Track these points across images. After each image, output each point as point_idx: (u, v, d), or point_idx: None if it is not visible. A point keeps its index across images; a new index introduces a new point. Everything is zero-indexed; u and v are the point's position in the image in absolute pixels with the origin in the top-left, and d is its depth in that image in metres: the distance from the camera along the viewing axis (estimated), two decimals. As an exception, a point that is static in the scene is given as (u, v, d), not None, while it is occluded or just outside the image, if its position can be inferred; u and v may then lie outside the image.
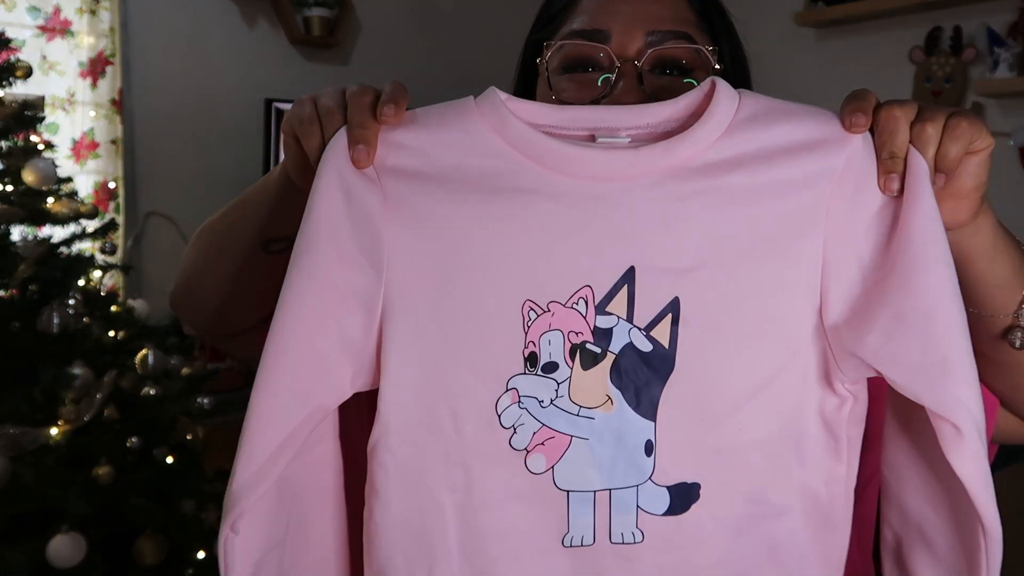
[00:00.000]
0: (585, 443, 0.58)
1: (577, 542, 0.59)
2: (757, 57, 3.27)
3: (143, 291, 2.44)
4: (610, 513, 0.59)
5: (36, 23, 2.16)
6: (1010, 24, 2.35)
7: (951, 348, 0.55)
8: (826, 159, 0.57)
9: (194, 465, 1.69)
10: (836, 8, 2.68)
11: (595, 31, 0.70)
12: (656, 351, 0.57)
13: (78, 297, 1.54)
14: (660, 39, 0.70)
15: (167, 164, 2.52)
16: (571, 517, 0.59)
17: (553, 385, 0.58)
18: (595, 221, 0.57)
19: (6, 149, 1.54)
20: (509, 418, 0.58)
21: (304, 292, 0.57)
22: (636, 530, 0.59)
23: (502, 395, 0.58)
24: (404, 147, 0.59)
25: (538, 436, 0.58)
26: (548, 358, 0.58)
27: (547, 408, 0.58)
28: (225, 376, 2.29)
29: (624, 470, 0.58)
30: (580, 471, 0.58)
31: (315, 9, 2.66)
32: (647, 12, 0.70)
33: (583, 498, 0.59)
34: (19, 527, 1.45)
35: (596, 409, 0.58)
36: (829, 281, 0.57)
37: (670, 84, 0.70)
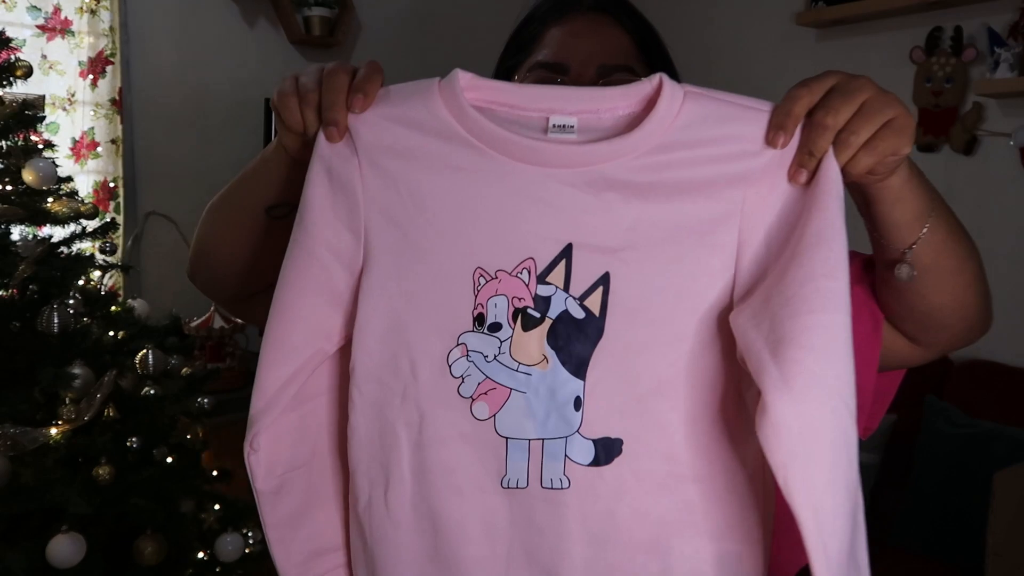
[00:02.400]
0: (523, 396, 0.66)
1: (513, 484, 0.67)
2: (757, 57, 3.30)
3: (143, 291, 2.44)
4: (542, 460, 0.66)
5: (36, 22, 2.16)
6: (1010, 24, 2.35)
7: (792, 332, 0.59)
8: (750, 161, 0.63)
9: (194, 465, 1.68)
10: (836, 8, 2.68)
11: (557, 64, 0.84)
12: (588, 319, 0.65)
13: (78, 297, 1.53)
14: (608, 72, 0.83)
15: (167, 164, 2.52)
16: (508, 461, 0.66)
17: (497, 343, 0.66)
18: (540, 202, 0.65)
19: (6, 149, 1.54)
20: (458, 369, 0.67)
21: (299, 259, 0.67)
22: (563, 477, 0.66)
23: (453, 348, 0.66)
24: (376, 124, 0.67)
25: (482, 387, 0.66)
26: (494, 319, 0.66)
27: (491, 363, 0.66)
28: (225, 376, 2.29)
29: (555, 422, 0.66)
30: (517, 420, 0.66)
31: (315, 9, 2.66)
32: (598, 49, 0.84)
33: (519, 445, 0.66)
34: (19, 527, 1.45)
35: (533, 366, 0.66)
36: (741, 269, 0.64)
37: None
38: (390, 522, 0.69)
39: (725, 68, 3.15)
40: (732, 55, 3.12)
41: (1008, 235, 2.47)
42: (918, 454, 2.32)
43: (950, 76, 2.50)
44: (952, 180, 2.57)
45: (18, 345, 1.50)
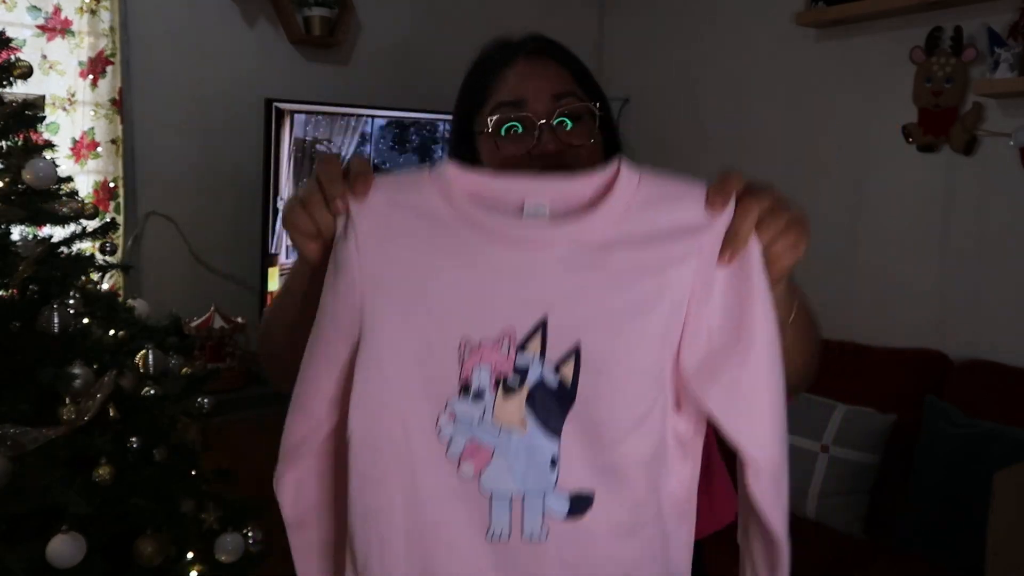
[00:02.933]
0: (504, 456, 0.73)
1: (497, 537, 0.74)
2: (757, 57, 3.29)
3: (143, 291, 2.44)
4: (523, 514, 0.73)
5: (36, 22, 2.16)
6: (1010, 24, 2.35)
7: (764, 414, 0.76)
8: (695, 239, 0.73)
9: (194, 465, 1.68)
10: (836, 8, 2.68)
11: (515, 101, 0.96)
12: (560, 387, 0.73)
13: (78, 297, 1.53)
14: (559, 98, 0.96)
15: (167, 164, 2.52)
16: (492, 515, 0.74)
17: (481, 408, 0.73)
18: (518, 279, 0.73)
19: (6, 149, 1.54)
20: (446, 432, 0.73)
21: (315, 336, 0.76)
22: (542, 529, 0.73)
23: (441, 413, 0.73)
24: (372, 209, 0.74)
25: (468, 448, 0.73)
26: (477, 387, 0.73)
27: (476, 426, 0.73)
28: (225, 376, 2.29)
29: (534, 479, 0.73)
30: (500, 478, 0.73)
31: (315, 9, 2.66)
32: (545, 83, 0.97)
33: (502, 501, 0.73)
34: (19, 527, 1.45)
35: (513, 429, 0.73)
36: (687, 337, 0.73)
37: (570, 133, 0.96)
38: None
39: (725, 68, 3.15)
40: (732, 55, 3.13)
41: (1008, 235, 2.47)
42: (918, 454, 2.32)
43: (950, 76, 2.50)
44: (952, 180, 2.58)
45: (18, 345, 1.50)
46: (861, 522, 2.39)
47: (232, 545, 1.64)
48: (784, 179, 3.30)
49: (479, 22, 3.19)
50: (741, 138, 3.12)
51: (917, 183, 2.65)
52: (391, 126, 2.68)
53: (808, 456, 2.46)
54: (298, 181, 2.49)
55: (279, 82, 2.68)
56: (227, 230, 2.64)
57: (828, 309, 3.07)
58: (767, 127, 3.04)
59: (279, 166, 2.44)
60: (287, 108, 2.42)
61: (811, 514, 2.43)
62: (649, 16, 3.41)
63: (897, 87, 2.64)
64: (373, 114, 2.62)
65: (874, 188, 2.76)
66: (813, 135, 2.91)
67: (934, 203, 2.62)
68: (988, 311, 2.51)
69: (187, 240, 2.57)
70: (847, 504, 2.39)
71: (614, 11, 3.56)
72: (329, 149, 2.54)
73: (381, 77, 2.91)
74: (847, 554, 2.28)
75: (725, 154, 3.17)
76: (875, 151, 2.75)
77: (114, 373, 1.52)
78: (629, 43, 3.51)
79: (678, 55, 3.32)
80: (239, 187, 2.64)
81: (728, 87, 3.15)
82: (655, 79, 3.41)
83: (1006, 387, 2.33)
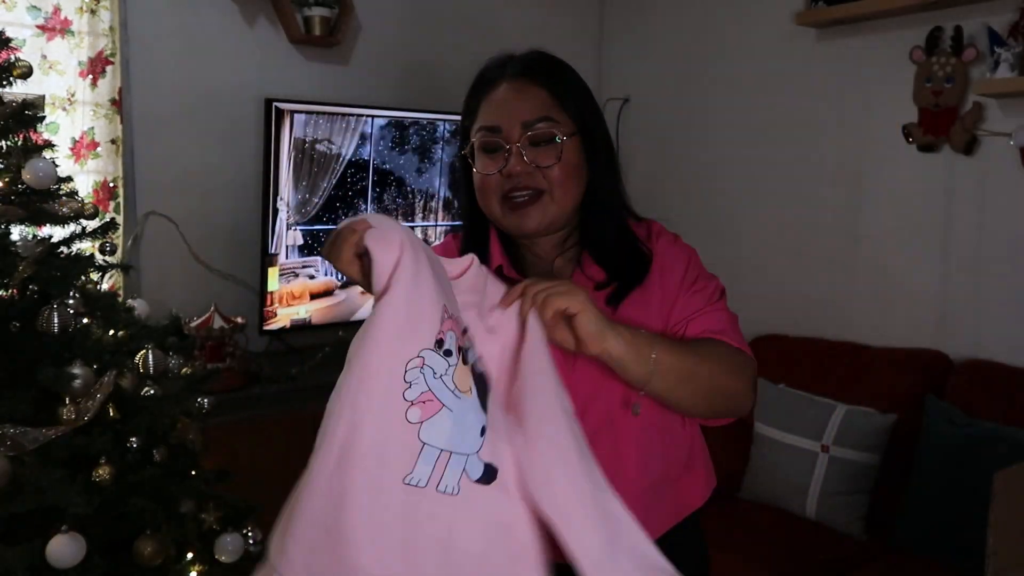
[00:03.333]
0: (449, 413, 0.84)
1: (414, 483, 0.83)
2: (757, 57, 3.29)
3: (143, 291, 2.44)
4: (445, 469, 0.83)
5: (36, 22, 2.16)
6: (1010, 24, 2.35)
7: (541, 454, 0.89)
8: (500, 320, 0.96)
9: (194, 465, 1.68)
10: (836, 8, 2.68)
11: (492, 127, 1.13)
12: (484, 374, 0.91)
13: (78, 297, 1.53)
14: (529, 125, 1.11)
15: (167, 164, 2.51)
16: (417, 463, 0.83)
17: (446, 366, 0.86)
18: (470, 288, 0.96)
19: (6, 149, 1.54)
20: (410, 376, 0.84)
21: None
22: (456, 486, 0.84)
23: (413, 359, 0.84)
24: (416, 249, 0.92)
25: (422, 396, 0.83)
26: (447, 346, 0.86)
27: (437, 379, 0.85)
28: (225, 376, 2.29)
29: (465, 441, 0.85)
30: (438, 433, 0.83)
31: (315, 9, 2.66)
32: (520, 109, 1.12)
33: (431, 452, 0.83)
34: (19, 527, 1.45)
35: (463, 393, 0.86)
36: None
37: (537, 154, 1.12)
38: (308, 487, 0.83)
39: (725, 68, 3.15)
40: (732, 55, 3.13)
41: (1008, 235, 2.47)
42: (918, 454, 2.32)
43: (950, 76, 2.50)
44: (952, 180, 2.58)
45: (18, 345, 1.50)
46: (861, 522, 2.39)
47: (232, 545, 1.64)
48: (784, 179, 3.31)
49: (479, 22, 3.19)
50: (741, 138, 3.12)
51: (917, 183, 2.65)
52: (391, 126, 2.68)
53: (808, 456, 2.46)
54: (298, 181, 2.50)
55: (279, 82, 2.68)
56: (227, 230, 2.64)
57: (828, 309, 3.09)
58: (767, 127, 3.04)
59: (279, 166, 2.44)
60: (287, 108, 2.42)
61: (811, 514, 2.43)
62: (649, 16, 3.41)
63: (897, 87, 2.64)
64: (373, 114, 2.62)
65: (874, 188, 2.76)
66: (813, 135, 2.91)
67: (934, 203, 2.62)
68: (988, 311, 2.51)
69: (187, 240, 2.57)
70: (847, 504, 2.39)
71: (614, 11, 3.56)
72: (329, 149, 2.54)
73: (381, 77, 2.91)
74: (847, 554, 2.28)
75: (725, 154, 3.17)
76: (875, 151, 2.75)
77: (114, 373, 1.52)
78: (629, 43, 3.51)
79: (678, 55, 3.32)
80: (239, 187, 2.64)
81: (728, 87, 3.15)
82: (655, 79, 3.41)
83: (1006, 387, 2.33)
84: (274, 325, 2.54)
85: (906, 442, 2.39)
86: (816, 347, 2.79)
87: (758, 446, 2.61)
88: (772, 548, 2.27)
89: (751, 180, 3.10)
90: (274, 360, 2.65)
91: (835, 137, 2.85)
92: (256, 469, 2.26)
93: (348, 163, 2.60)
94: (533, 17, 3.37)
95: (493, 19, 3.24)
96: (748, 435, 2.64)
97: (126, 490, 1.52)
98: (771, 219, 3.05)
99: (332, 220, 2.60)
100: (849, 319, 2.84)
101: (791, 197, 2.99)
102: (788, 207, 3.00)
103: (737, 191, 3.13)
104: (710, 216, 3.20)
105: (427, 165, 2.80)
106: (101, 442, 1.47)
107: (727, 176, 3.16)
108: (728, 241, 3.16)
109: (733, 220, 3.15)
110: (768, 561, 2.21)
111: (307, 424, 2.64)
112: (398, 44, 2.96)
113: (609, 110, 3.58)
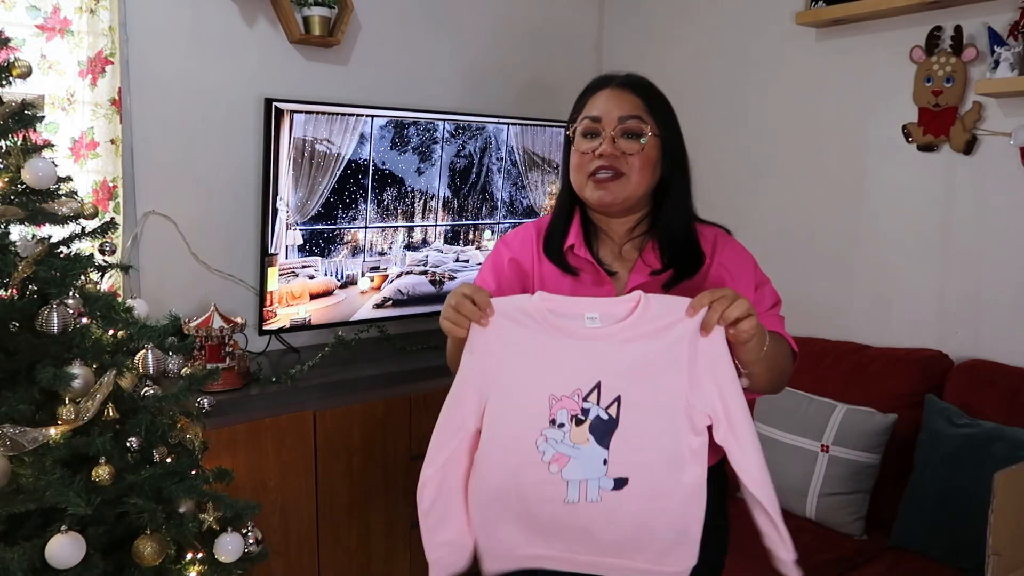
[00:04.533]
0: (576, 459, 1.22)
1: (571, 501, 1.22)
2: (757, 57, 3.28)
3: (142, 291, 2.44)
4: (587, 489, 1.22)
5: (35, 22, 2.16)
6: (1011, 24, 2.35)
7: (740, 422, 1.25)
8: (685, 326, 1.22)
9: (194, 465, 1.68)
10: (836, 8, 2.68)
11: (594, 117, 1.41)
12: (609, 419, 1.22)
13: (77, 297, 1.53)
14: (624, 119, 1.40)
15: (166, 164, 2.51)
16: (568, 491, 1.22)
17: (562, 434, 1.22)
18: (582, 358, 1.23)
19: (6, 148, 1.54)
20: (541, 448, 1.22)
21: (455, 390, 1.27)
22: (598, 496, 1.22)
23: (538, 437, 1.22)
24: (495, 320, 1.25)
25: (555, 456, 1.22)
26: (560, 421, 1.22)
27: (559, 443, 1.22)
28: (225, 376, 2.29)
29: (593, 471, 1.22)
30: (573, 471, 1.22)
31: (315, 8, 2.66)
32: (617, 106, 1.41)
33: (575, 483, 1.22)
34: (19, 527, 1.45)
35: (581, 445, 1.22)
36: (687, 383, 1.23)
37: (625, 142, 1.41)
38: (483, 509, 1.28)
39: (725, 68, 3.15)
40: (732, 55, 3.13)
41: (1008, 235, 2.47)
42: (918, 454, 2.32)
43: (950, 76, 2.50)
44: (952, 180, 2.58)
45: (18, 345, 1.50)
46: (861, 522, 2.39)
47: (232, 545, 1.64)
48: (784, 178, 3.31)
49: (479, 23, 3.19)
50: (741, 138, 3.12)
51: (917, 183, 2.65)
52: (390, 126, 2.68)
53: (808, 456, 2.46)
54: (298, 181, 2.49)
55: (279, 82, 2.68)
56: (227, 230, 2.64)
57: (828, 309, 3.09)
58: (767, 127, 3.04)
59: (279, 166, 2.44)
60: (287, 108, 2.42)
61: (811, 514, 2.43)
62: (649, 15, 3.41)
63: (897, 87, 2.64)
64: (373, 114, 2.62)
65: (874, 188, 2.76)
66: (813, 135, 2.91)
67: (934, 203, 2.62)
68: (988, 311, 2.51)
69: (186, 240, 2.57)
70: (847, 504, 2.39)
71: (614, 10, 3.56)
72: (329, 149, 2.54)
73: (381, 77, 2.91)
74: (847, 554, 2.28)
75: (725, 153, 3.17)
76: (875, 151, 2.75)
77: (113, 373, 1.52)
78: (629, 42, 3.51)
79: (678, 55, 3.32)
80: (239, 187, 2.64)
81: (728, 87, 3.15)
82: (655, 79, 3.40)
83: (1006, 387, 2.33)
84: (274, 325, 2.54)
85: (906, 442, 2.39)
86: (816, 347, 2.79)
87: (758, 446, 2.61)
88: (772, 548, 2.26)
89: (751, 180, 3.10)
90: (274, 360, 2.66)
91: (835, 137, 2.85)
92: (255, 469, 2.27)
93: (348, 163, 2.60)
94: (533, 17, 3.37)
95: (493, 19, 3.24)
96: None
97: (126, 490, 1.52)
98: (771, 219, 3.05)
99: (332, 220, 2.60)
100: (849, 319, 2.84)
101: (791, 197, 2.99)
102: (788, 207, 3.00)
103: (737, 191, 3.13)
104: (710, 215, 3.19)
105: (427, 165, 2.80)
106: (101, 442, 1.47)
107: (727, 176, 3.16)
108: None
109: (733, 220, 3.14)
110: (768, 561, 2.21)
111: (307, 424, 2.66)
112: (398, 44, 2.96)
113: (609, 110, 3.59)
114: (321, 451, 2.37)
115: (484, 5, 3.22)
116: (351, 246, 2.68)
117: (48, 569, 1.39)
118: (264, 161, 2.43)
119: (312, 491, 2.36)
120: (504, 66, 3.27)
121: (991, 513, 1.45)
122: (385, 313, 2.82)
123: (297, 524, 2.33)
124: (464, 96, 3.13)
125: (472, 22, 3.18)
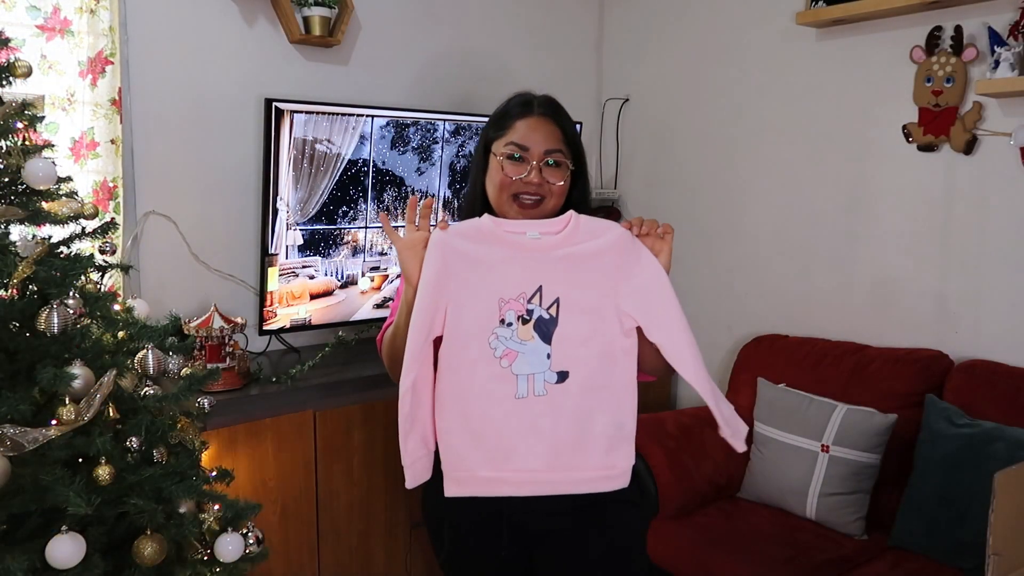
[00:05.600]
0: (523, 355, 1.39)
1: (521, 396, 1.39)
2: (757, 57, 3.29)
3: (143, 291, 2.44)
4: (534, 383, 1.39)
5: (36, 22, 2.16)
6: (1011, 24, 2.35)
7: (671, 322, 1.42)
8: (615, 236, 1.44)
9: (194, 465, 1.68)
10: (836, 8, 2.68)
11: (522, 145, 1.56)
12: (551, 319, 1.40)
13: (77, 297, 1.53)
14: (550, 152, 1.56)
15: (166, 164, 2.51)
16: (518, 385, 1.39)
17: (511, 331, 1.40)
18: (527, 264, 1.42)
19: (6, 149, 1.54)
20: (493, 344, 1.39)
21: (420, 306, 1.40)
22: (543, 389, 1.39)
23: (490, 335, 1.40)
24: (450, 232, 1.44)
25: (505, 352, 1.39)
26: (508, 321, 1.40)
27: (509, 340, 1.39)
28: (225, 376, 2.29)
29: (539, 365, 1.39)
30: (521, 366, 1.39)
31: (315, 8, 2.66)
32: (544, 139, 1.56)
33: (523, 377, 1.39)
34: (19, 527, 1.45)
35: (527, 341, 1.40)
36: (619, 289, 1.42)
37: (549, 172, 1.56)
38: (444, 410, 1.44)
39: (725, 68, 3.15)
40: (732, 55, 3.13)
41: (1008, 235, 2.47)
42: (918, 454, 2.32)
43: (950, 76, 2.50)
44: (952, 180, 2.58)
45: (18, 345, 1.50)
46: (861, 522, 2.39)
47: (232, 545, 1.64)
48: (784, 178, 3.31)
49: (479, 23, 3.19)
50: (741, 138, 3.12)
51: (917, 183, 2.65)
52: (390, 126, 2.68)
53: (808, 456, 2.46)
54: (298, 181, 2.49)
55: (279, 82, 2.68)
56: (227, 230, 2.64)
57: (828, 309, 3.09)
58: (767, 127, 3.04)
59: (279, 166, 2.44)
60: (287, 108, 2.42)
61: (811, 514, 2.43)
62: (649, 16, 3.41)
63: (897, 87, 2.64)
64: (372, 114, 2.62)
65: (874, 188, 2.76)
66: (813, 135, 2.91)
67: (934, 203, 2.62)
68: (988, 311, 2.51)
69: (186, 240, 2.57)
70: (847, 504, 2.39)
71: (614, 10, 3.56)
72: (329, 149, 2.54)
73: (380, 77, 2.91)
74: (847, 554, 2.28)
75: (725, 153, 3.17)
76: (875, 151, 2.75)
77: (114, 373, 1.52)
78: (629, 43, 3.51)
79: (678, 55, 3.32)
80: (239, 187, 2.64)
81: (728, 87, 3.15)
82: (655, 79, 3.41)
83: (1006, 387, 2.33)
84: (274, 325, 2.54)
85: (906, 442, 2.39)
86: (816, 347, 2.79)
87: (758, 446, 2.61)
88: (772, 548, 2.27)
89: (751, 180, 3.10)
90: (274, 360, 2.66)
91: (835, 137, 2.85)
92: (255, 469, 2.27)
93: (348, 163, 2.60)
94: (533, 17, 3.37)
95: (493, 20, 3.24)
96: (748, 435, 2.64)
97: (126, 490, 1.52)
98: (771, 219, 3.05)
99: (332, 220, 2.60)
100: (849, 319, 2.84)
101: (791, 197, 2.99)
102: (788, 207, 3.00)
103: (737, 191, 3.13)
104: (710, 216, 3.20)
105: (427, 165, 2.80)
106: (101, 442, 1.47)
107: (727, 176, 3.16)
108: (728, 241, 3.16)
109: (733, 220, 3.15)
110: (768, 561, 2.21)
111: (307, 424, 2.66)
112: (398, 44, 2.96)
113: (609, 110, 3.58)
114: (321, 451, 2.37)
115: (484, 5, 3.22)
116: (351, 246, 2.68)
117: (48, 569, 1.39)
118: (264, 161, 2.43)
119: (312, 491, 2.36)
120: (504, 66, 3.27)
121: (991, 513, 1.45)
122: (385, 313, 2.82)
123: (297, 524, 2.33)
124: (464, 96, 3.12)
125: (472, 22, 3.18)
